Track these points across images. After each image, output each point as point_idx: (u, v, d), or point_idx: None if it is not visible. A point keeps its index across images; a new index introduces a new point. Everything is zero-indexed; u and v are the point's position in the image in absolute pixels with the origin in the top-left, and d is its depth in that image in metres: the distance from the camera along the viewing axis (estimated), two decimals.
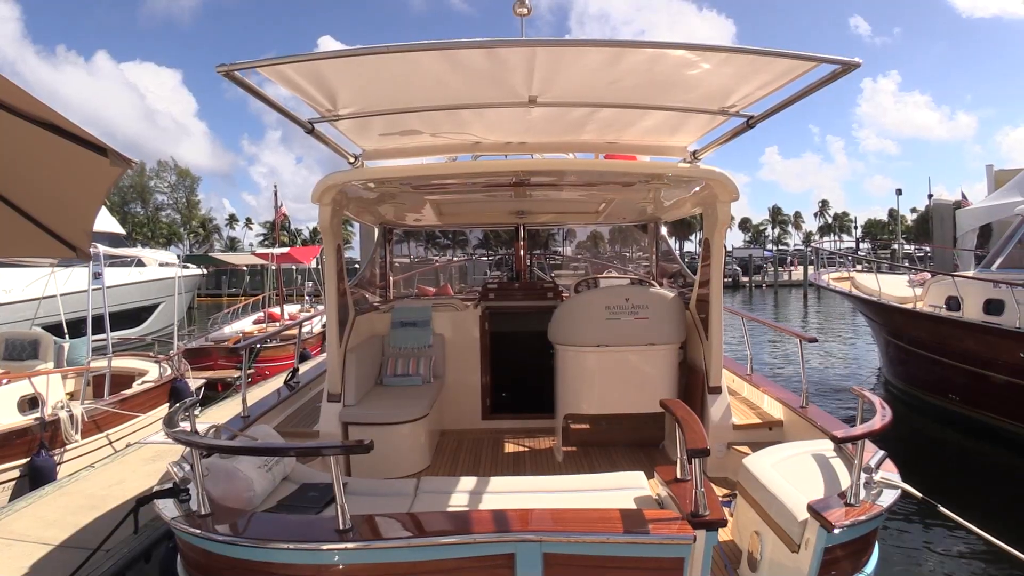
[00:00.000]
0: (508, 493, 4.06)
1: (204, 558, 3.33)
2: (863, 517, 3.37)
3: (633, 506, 3.65)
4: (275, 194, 20.87)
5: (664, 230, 8.77)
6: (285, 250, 20.03)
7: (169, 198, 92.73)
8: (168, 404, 10.63)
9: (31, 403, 8.83)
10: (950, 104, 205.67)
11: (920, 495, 3.80)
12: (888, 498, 3.56)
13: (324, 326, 17.73)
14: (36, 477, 7.81)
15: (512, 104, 4.31)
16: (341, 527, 3.06)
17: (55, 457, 8.24)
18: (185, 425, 3.80)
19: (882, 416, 3.91)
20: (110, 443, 9.19)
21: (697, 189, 5.89)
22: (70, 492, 6.90)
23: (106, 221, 21.34)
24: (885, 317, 13.91)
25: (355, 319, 6.19)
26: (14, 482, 7.85)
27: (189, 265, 25.61)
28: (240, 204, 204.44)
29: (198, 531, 3.19)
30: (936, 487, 7.54)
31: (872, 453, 3.83)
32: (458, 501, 4.04)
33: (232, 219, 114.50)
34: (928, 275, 14.05)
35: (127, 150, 3.84)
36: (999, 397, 10.19)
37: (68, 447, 8.53)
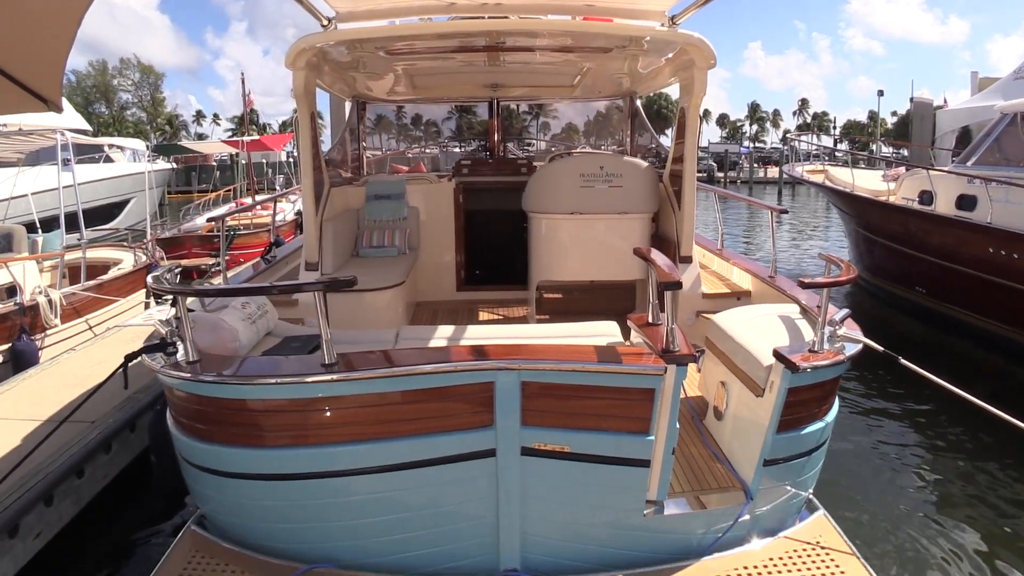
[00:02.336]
0: (486, 339, 4.17)
1: (193, 403, 3.43)
2: (826, 362, 3.52)
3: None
4: (242, 82, 20.31)
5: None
6: (255, 138, 19.60)
7: (133, 96, 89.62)
8: (145, 291, 10.63)
9: (8, 292, 8.84)
10: (942, 7, 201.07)
11: (882, 349, 3.96)
12: (850, 350, 3.71)
13: (297, 213, 17.64)
14: (18, 361, 7.86)
15: None
16: (326, 361, 3.14)
17: (36, 342, 8.28)
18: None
19: (847, 272, 4.03)
20: (90, 328, 9.23)
21: (672, 55, 5.83)
22: (53, 373, 6.98)
23: (72, 118, 20.71)
24: (857, 208, 13.95)
25: (330, 191, 6.17)
26: None
27: (158, 157, 25.08)
28: (206, 100, 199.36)
29: (187, 375, 3.26)
30: (898, 375, 7.92)
31: (836, 311, 3.96)
32: (438, 343, 4.14)
33: (199, 115, 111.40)
34: (903, 170, 14.09)
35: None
36: (965, 291, 10.34)
37: (48, 332, 8.58)
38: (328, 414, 3.23)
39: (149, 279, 3.85)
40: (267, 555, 3.50)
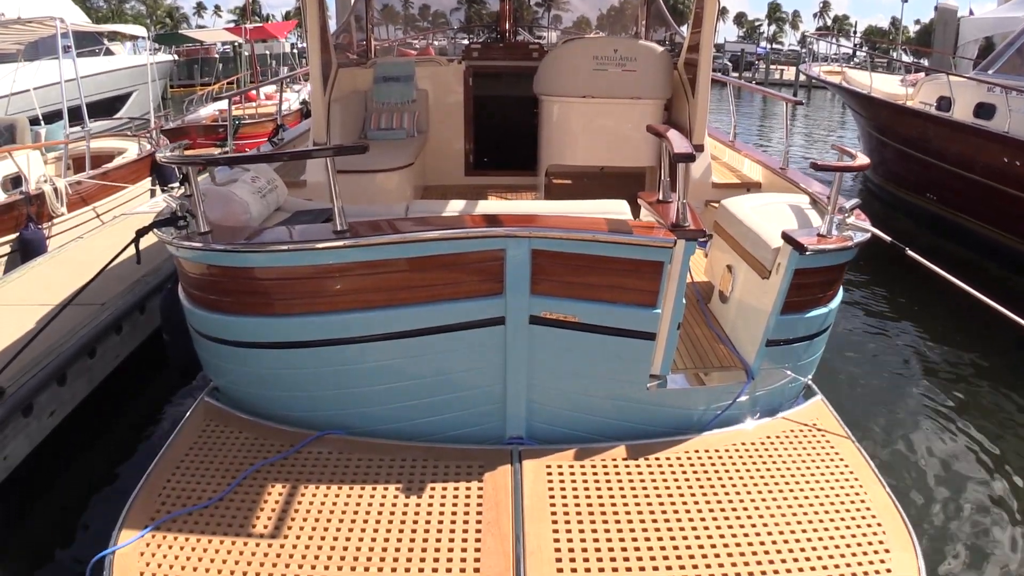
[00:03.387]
0: (498, 213, 4.18)
1: (205, 274, 3.46)
2: (833, 247, 3.53)
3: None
4: None
5: None
6: (259, 25, 19.09)
7: None
8: (150, 179, 10.58)
9: (14, 183, 8.81)
10: None
11: (889, 239, 3.94)
12: (858, 237, 3.70)
13: (302, 103, 17.33)
14: (27, 250, 7.89)
15: None
16: (338, 228, 3.15)
17: (44, 230, 8.29)
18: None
19: (861, 160, 3.97)
20: (97, 216, 9.24)
21: None
22: (62, 260, 7.00)
23: (70, 10, 20.13)
24: (872, 111, 13.68)
25: (337, 72, 6.04)
26: (5, 258, 7.95)
27: (159, 48, 24.50)
28: None
29: (199, 245, 3.28)
30: (904, 271, 7.91)
31: (846, 200, 3.94)
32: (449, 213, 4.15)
33: (199, 7, 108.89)
34: (922, 75, 13.72)
35: None
36: (977, 200, 10.22)
37: (55, 221, 8.57)
38: (339, 282, 3.26)
39: (159, 155, 3.82)
40: (279, 423, 3.60)
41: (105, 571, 2.75)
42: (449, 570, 2.76)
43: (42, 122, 11.32)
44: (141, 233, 3.71)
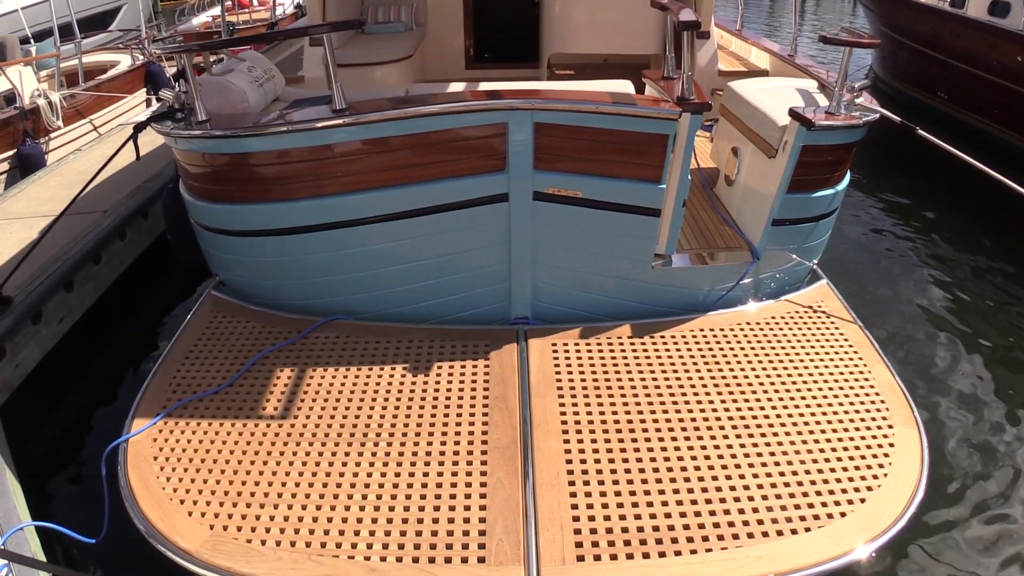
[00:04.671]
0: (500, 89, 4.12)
1: (206, 164, 3.43)
2: (841, 123, 3.46)
3: None
4: None
5: None
6: None
7: None
8: (145, 89, 10.40)
9: (7, 100, 8.67)
10: None
11: (899, 120, 3.85)
12: (868, 117, 3.62)
13: (297, 6, 16.73)
14: (26, 165, 7.83)
15: None
16: (337, 107, 3.10)
17: (41, 145, 8.21)
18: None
19: (869, 38, 3.85)
20: (94, 128, 9.12)
21: None
22: (62, 172, 6.95)
23: None
24: (883, 6, 13.26)
25: None
26: (5, 175, 7.89)
27: None
28: None
29: (197, 133, 3.23)
30: (914, 155, 7.79)
31: (855, 82, 3.84)
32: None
33: None
34: None
35: None
36: (988, 99, 9.97)
37: (52, 135, 8.47)
38: (340, 162, 3.23)
39: (154, 47, 3.73)
40: (286, 312, 3.63)
41: (120, 458, 2.81)
42: (457, 443, 2.81)
43: (32, 41, 11.08)
44: (139, 128, 3.67)
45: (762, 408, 3.02)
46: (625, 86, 3.76)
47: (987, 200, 6.92)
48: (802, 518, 2.50)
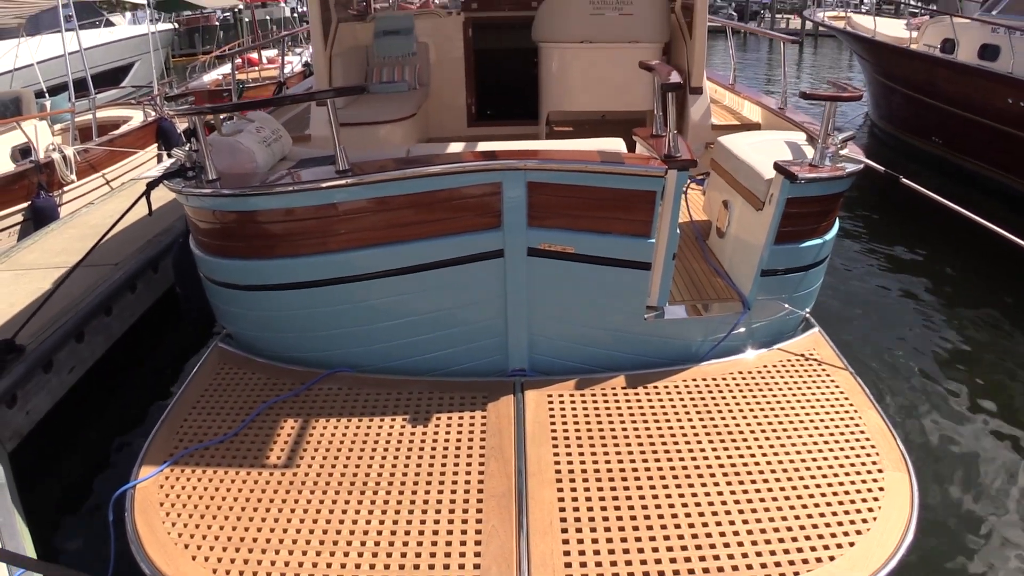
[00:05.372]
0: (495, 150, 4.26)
1: (216, 220, 3.57)
2: (825, 175, 3.58)
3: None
4: None
5: None
6: None
7: None
8: (156, 144, 10.67)
9: (23, 153, 8.92)
10: None
11: (883, 169, 3.99)
12: (851, 168, 3.74)
13: (305, 65, 17.26)
14: (40, 218, 8.04)
15: None
16: (341, 168, 3.24)
17: (55, 198, 8.42)
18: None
19: (853, 91, 4.01)
20: (107, 182, 9.37)
21: None
22: (74, 225, 7.15)
23: None
24: (877, 55, 13.57)
25: (338, 26, 6.08)
26: (19, 226, 8.09)
27: (159, 17, 24.43)
28: None
29: (208, 191, 3.38)
30: (901, 202, 7.94)
31: (840, 133, 3.97)
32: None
33: None
34: (927, 19, 13.58)
35: None
36: (981, 142, 10.17)
37: (66, 188, 8.71)
38: (343, 220, 3.36)
39: (167, 107, 3.91)
40: (290, 364, 3.74)
41: (127, 503, 2.89)
42: (454, 492, 2.89)
43: (47, 95, 11.41)
44: (152, 186, 3.82)
45: (752, 455, 3.09)
46: (616, 144, 3.91)
47: (974, 244, 7.05)
48: (791, 563, 2.55)
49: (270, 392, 3.55)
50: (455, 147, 3.96)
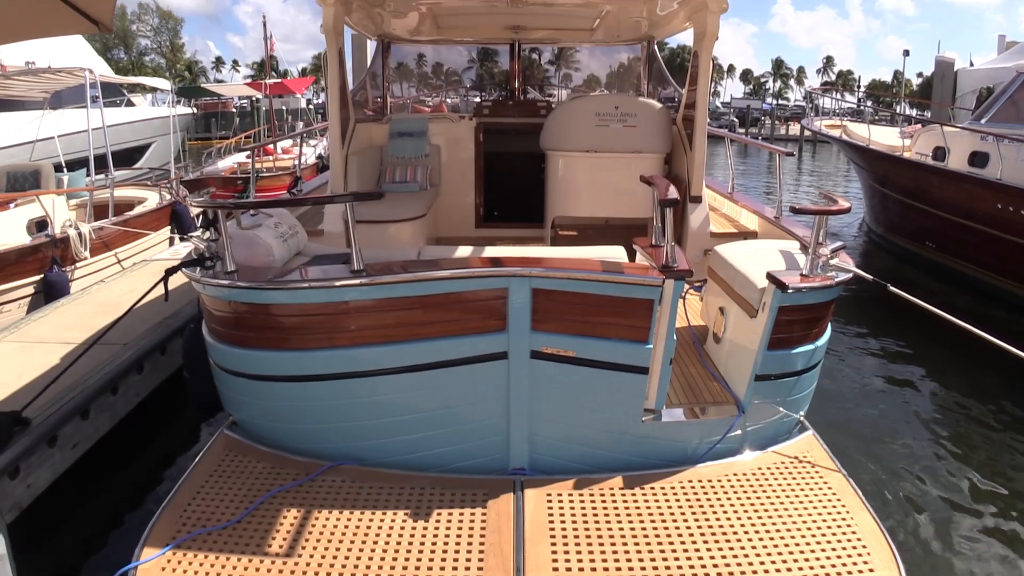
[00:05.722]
0: (502, 256, 4.42)
1: (231, 311, 3.70)
2: (815, 285, 3.75)
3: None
4: (264, 25, 20.26)
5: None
6: (277, 80, 19.82)
7: (152, 42, 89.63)
8: (169, 228, 10.93)
9: (39, 226, 9.16)
10: None
11: (871, 277, 4.16)
12: (841, 277, 3.91)
13: (318, 157, 17.85)
14: (51, 292, 8.16)
15: None
16: (355, 268, 3.40)
17: (67, 273, 8.58)
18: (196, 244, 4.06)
19: (842, 204, 4.22)
20: (118, 261, 9.53)
21: None
22: (84, 302, 7.30)
23: (94, 61, 20.88)
24: (871, 163, 14.04)
25: (355, 126, 6.37)
26: (30, 298, 8.22)
27: (179, 101, 25.29)
28: (225, 46, 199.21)
29: (226, 283, 3.53)
30: (911, 323, 8.11)
31: (831, 244, 4.16)
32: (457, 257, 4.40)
33: (218, 62, 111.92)
34: (920, 127, 14.11)
35: None
36: (974, 246, 10.45)
37: (78, 264, 8.85)
38: (354, 318, 3.50)
39: (191, 198, 4.10)
40: (295, 454, 3.81)
41: None
42: None
43: (65, 169, 11.74)
44: (170, 272, 3.98)
45: (747, 556, 3.14)
46: (617, 252, 4.10)
47: (963, 347, 7.20)
48: None
49: (274, 481, 3.61)
50: (464, 251, 4.14)
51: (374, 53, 8.51)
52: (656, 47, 8.81)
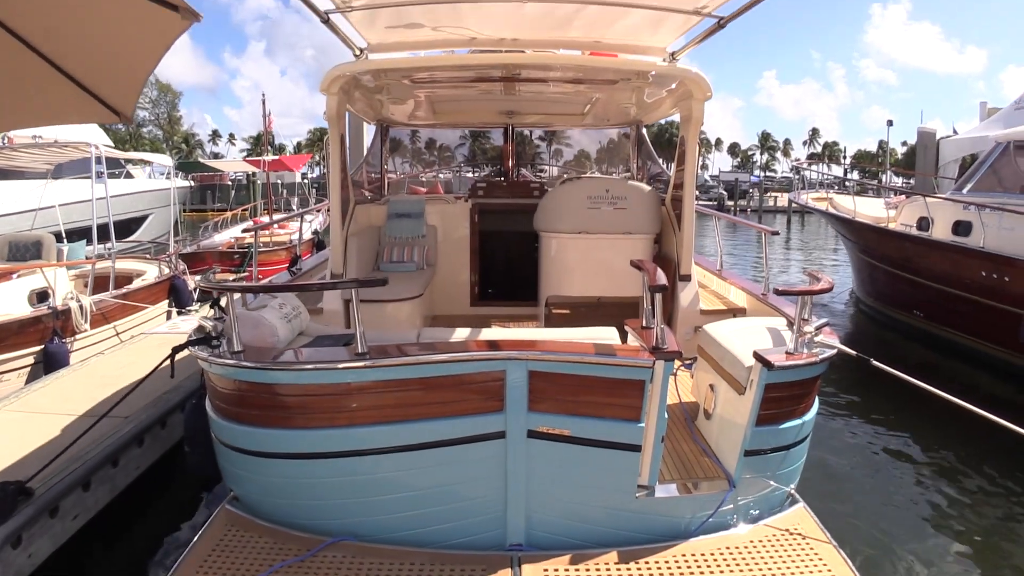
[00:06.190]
0: (499, 339, 4.57)
1: (236, 389, 3.82)
2: (800, 363, 3.92)
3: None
4: (263, 103, 20.80)
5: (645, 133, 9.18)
6: (275, 158, 20.29)
7: (151, 114, 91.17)
8: (167, 301, 11.05)
9: (40, 297, 9.26)
10: (961, 37, 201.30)
11: (855, 353, 4.33)
12: (826, 354, 4.08)
13: (314, 232, 18.12)
14: (50, 362, 8.22)
15: (507, 0, 4.65)
16: (359, 351, 3.54)
17: (67, 344, 8.65)
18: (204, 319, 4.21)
19: (823, 283, 4.41)
20: (116, 334, 9.61)
21: (674, 87, 6.27)
22: (84, 373, 7.36)
23: (95, 134, 21.34)
24: (858, 235, 14.32)
25: (355, 208, 6.59)
26: (29, 368, 8.28)
27: (179, 174, 25.75)
28: (222, 119, 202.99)
29: (232, 362, 3.66)
30: (898, 395, 8.24)
31: (816, 320, 4.34)
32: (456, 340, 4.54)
33: (215, 135, 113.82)
34: (904, 198, 14.46)
35: None
36: (960, 314, 10.63)
37: (78, 336, 8.93)
38: (356, 398, 3.62)
39: (199, 279, 4.25)
40: (295, 530, 3.88)
41: None
42: None
43: (64, 239, 11.92)
44: (177, 350, 4.11)
45: None
46: (609, 334, 4.26)
47: (949, 416, 7.30)
48: None
49: (275, 557, 3.67)
50: (462, 332, 4.29)
51: (373, 137, 8.83)
52: (644, 129, 9.17)
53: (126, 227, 20.65)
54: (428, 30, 5.42)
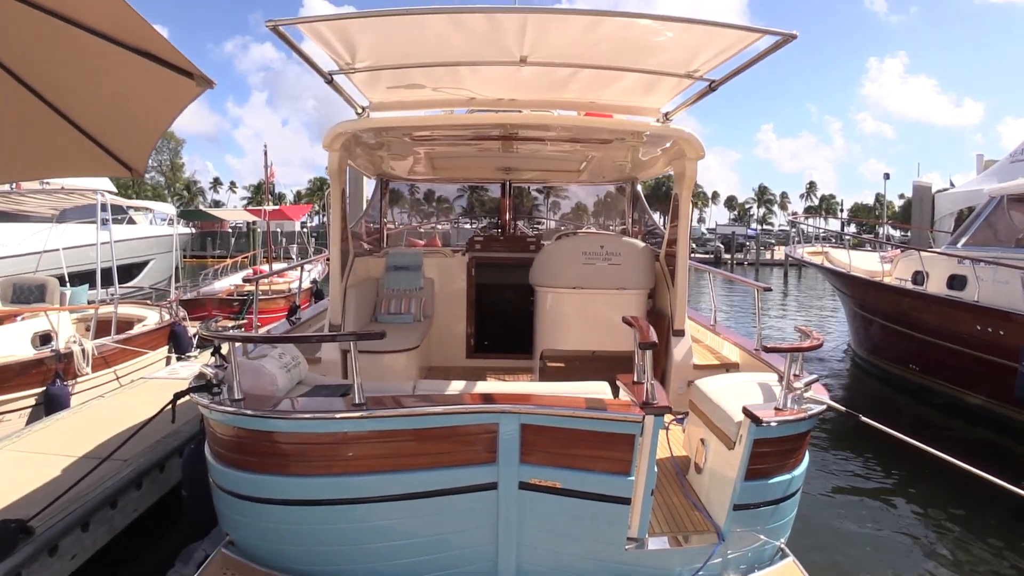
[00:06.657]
0: (493, 392, 4.67)
1: (235, 436, 3.92)
2: (789, 418, 4.02)
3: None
4: (265, 154, 21.13)
5: (640, 189, 9.40)
6: (276, 208, 20.61)
7: (153, 161, 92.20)
8: (167, 347, 11.17)
9: (43, 339, 9.38)
10: (958, 90, 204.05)
11: (844, 408, 4.44)
12: (815, 409, 4.18)
13: (312, 282, 18.32)
14: (51, 404, 8.34)
15: (505, 63, 4.88)
16: (356, 401, 3.66)
17: (68, 387, 8.75)
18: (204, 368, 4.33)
19: (812, 340, 4.54)
20: (117, 378, 9.72)
21: (668, 146, 6.49)
22: (84, 416, 7.42)
23: (101, 180, 21.68)
24: (853, 289, 14.41)
25: (354, 260, 6.74)
26: (30, 409, 8.37)
27: (180, 222, 26.09)
28: (224, 167, 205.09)
29: (232, 410, 3.77)
30: (889, 449, 8.34)
31: (806, 376, 4.45)
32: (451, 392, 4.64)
33: (216, 182, 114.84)
34: (900, 252, 14.57)
35: None
36: (955, 368, 10.69)
37: (80, 379, 9.05)
38: (352, 448, 3.72)
39: (201, 327, 4.38)
40: (290, 575, 3.94)
41: None
42: None
43: (67, 282, 12.08)
44: (178, 396, 4.22)
45: None
46: (602, 388, 4.37)
47: (940, 471, 7.38)
48: None
49: None
50: (456, 385, 4.39)
51: (373, 190, 9.04)
52: (639, 185, 9.40)
53: (127, 272, 20.86)
54: (429, 90, 5.64)
